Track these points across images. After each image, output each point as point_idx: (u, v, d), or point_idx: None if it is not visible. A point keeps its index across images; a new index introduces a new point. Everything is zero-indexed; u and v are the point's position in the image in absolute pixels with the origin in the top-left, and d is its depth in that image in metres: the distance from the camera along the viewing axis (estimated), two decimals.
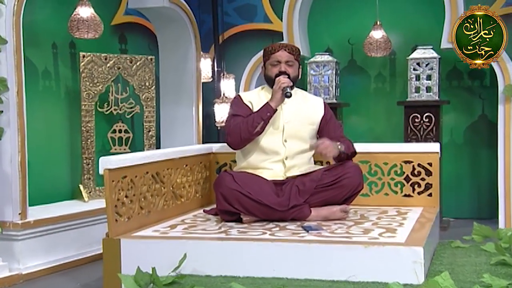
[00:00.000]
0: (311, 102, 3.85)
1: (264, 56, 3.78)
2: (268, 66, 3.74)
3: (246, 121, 3.61)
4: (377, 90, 6.08)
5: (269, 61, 3.72)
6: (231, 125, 3.66)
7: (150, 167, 3.53)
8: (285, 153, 3.68)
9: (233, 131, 3.63)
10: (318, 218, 3.52)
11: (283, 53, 3.67)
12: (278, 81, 3.60)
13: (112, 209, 3.17)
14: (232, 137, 3.66)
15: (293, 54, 3.71)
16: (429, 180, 4.03)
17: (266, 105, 3.62)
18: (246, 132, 3.60)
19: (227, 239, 3.10)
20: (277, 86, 3.59)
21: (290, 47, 3.73)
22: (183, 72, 5.61)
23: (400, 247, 2.84)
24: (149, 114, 5.09)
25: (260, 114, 3.61)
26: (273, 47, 3.73)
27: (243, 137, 3.62)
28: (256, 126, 3.59)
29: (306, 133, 3.75)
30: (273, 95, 3.62)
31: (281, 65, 3.68)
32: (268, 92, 3.76)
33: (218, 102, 5.61)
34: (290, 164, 3.68)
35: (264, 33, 6.23)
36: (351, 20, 6.08)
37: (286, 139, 3.69)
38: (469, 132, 5.85)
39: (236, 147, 3.72)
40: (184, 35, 5.60)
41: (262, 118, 3.59)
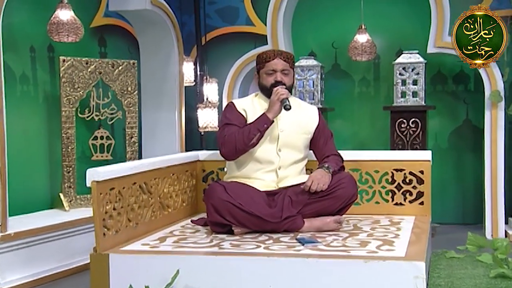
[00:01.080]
0: (306, 111, 3.76)
1: (258, 63, 3.66)
2: (263, 75, 3.62)
3: (242, 132, 3.50)
4: (361, 94, 6.02)
5: (264, 70, 3.61)
6: (226, 135, 3.54)
7: (138, 178, 3.41)
8: (279, 163, 3.59)
9: (228, 142, 3.52)
10: (311, 229, 3.44)
11: (278, 62, 3.57)
12: (277, 92, 3.49)
13: (100, 222, 3.04)
14: (227, 148, 3.55)
15: (289, 62, 3.61)
16: (420, 188, 3.97)
17: (263, 116, 3.51)
18: (241, 144, 3.50)
19: (221, 253, 2.99)
20: (276, 97, 3.48)
21: (285, 54, 3.62)
22: (165, 76, 5.48)
23: (401, 262, 2.76)
24: (131, 120, 4.94)
25: (257, 125, 3.50)
26: (267, 55, 3.61)
27: (238, 148, 3.52)
28: (252, 137, 3.49)
29: (301, 142, 3.66)
30: (270, 106, 3.51)
31: (277, 74, 3.57)
32: (263, 100, 3.66)
33: (201, 107, 5.49)
34: (283, 175, 3.58)
35: (247, 36, 6.13)
36: (335, 23, 6.01)
37: (281, 149, 3.60)
38: (454, 137, 5.82)
39: (230, 158, 3.62)
40: (166, 38, 5.46)
41: (259, 130, 3.49)
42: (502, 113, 5.11)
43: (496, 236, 5.10)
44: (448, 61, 5.73)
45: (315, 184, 3.41)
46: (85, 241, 4.29)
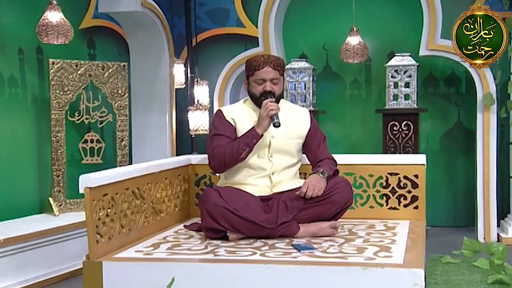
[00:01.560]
0: (297, 115, 3.69)
1: (247, 70, 3.57)
2: (252, 83, 3.54)
3: (231, 146, 3.45)
4: (353, 97, 6.00)
5: (253, 78, 3.52)
6: (215, 148, 3.49)
7: (131, 183, 3.35)
8: (272, 168, 3.54)
9: (217, 155, 3.48)
10: (307, 234, 3.40)
11: (268, 70, 3.47)
12: (266, 107, 3.41)
13: (93, 229, 2.99)
14: (216, 162, 3.52)
15: (278, 70, 3.51)
16: (415, 192, 3.95)
17: (252, 131, 3.46)
18: (230, 158, 3.46)
19: (216, 261, 2.94)
20: (265, 113, 3.41)
21: (275, 62, 3.50)
22: (155, 78, 5.43)
23: (400, 269, 2.73)
24: (122, 123, 4.88)
25: (246, 140, 3.45)
26: (257, 63, 3.50)
27: (227, 162, 3.48)
28: (241, 152, 3.45)
29: (293, 147, 3.61)
30: (259, 121, 3.44)
31: (266, 83, 3.49)
32: (251, 108, 3.61)
33: (192, 110, 5.44)
34: (276, 180, 3.54)
35: (238, 38, 6.10)
36: (326, 25, 5.99)
37: (272, 155, 3.55)
38: (445, 139, 5.82)
39: (219, 171, 3.60)
40: (156, 40, 5.41)
41: (248, 145, 3.44)
42: (494, 115, 5.12)
43: (489, 239, 5.10)
44: (439, 63, 5.73)
45: (310, 190, 3.37)
46: (76, 246, 4.24)
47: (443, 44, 5.22)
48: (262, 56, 3.55)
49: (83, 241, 4.24)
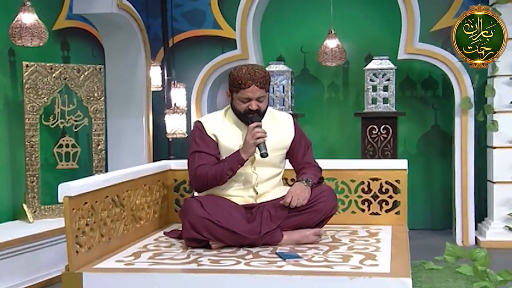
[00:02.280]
0: (280, 124, 3.56)
1: (231, 85, 3.39)
2: (237, 100, 3.38)
3: (214, 170, 3.35)
4: (331, 100, 5.98)
5: (238, 95, 3.36)
6: (197, 167, 3.38)
7: (110, 191, 3.28)
8: (256, 180, 3.47)
9: (199, 178, 3.38)
10: (290, 242, 3.35)
11: (254, 89, 3.31)
12: (253, 134, 3.28)
13: (72, 239, 2.90)
14: (198, 184, 3.42)
15: (265, 88, 3.37)
16: (396, 197, 3.93)
17: (237, 155, 3.34)
18: (213, 182, 3.38)
19: (200, 271, 2.88)
20: (252, 140, 3.29)
21: (261, 80, 3.33)
22: (131, 81, 5.34)
23: (387, 278, 2.70)
24: (98, 127, 4.78)
25: (230, 165, 3.34)
26: (242, 81, 3.31)
27: (210, 185, 3.40)
28: (225, 177, 3.36)
29: (277, 159, 3.53)
30: (245, 146, 3.32)
31: (252, 102, 3.34)
32: (234, 123, 3.48)
33: (169, 113, 5.36)
34: (261, 191, 3.48)
35: (215, 40, 6.04)
36: (304, 27, 5.96)
37: (256, 167, 3.47)
38: (422, 142, 5.83)
39: (200, 192, 3.49)
40: (132, 42, 5.33)
41: (232, 170, 3.35)
42: (472, 119, 5.14)
43: (467, 243, 5.12)
44: (416, 66, 5.74)
45: (294, 200, 3.31)
46: (52, 254, 4.14)
47: (421, 47, 5.22)
48: (248, 71, 3.32)
49: (59, 248, 4.16)
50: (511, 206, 5.01)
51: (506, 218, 5.02)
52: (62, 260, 4.04)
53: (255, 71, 3.35)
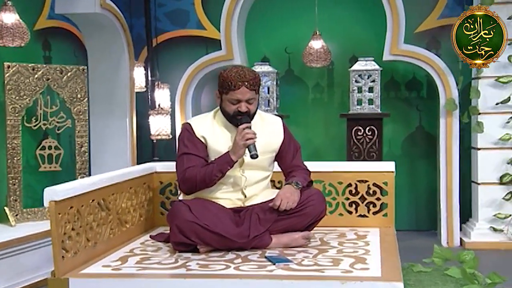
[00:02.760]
0: (270, 127, 3.53)
1: (221, 86, 3.36)
2: (226, 101, 3.35)
3: (203, 172, 3.31)
4: (315, 101, 5.95)
5: (228, 97, 3.32)
6: (186, 169, 3.34)
7: (96, 194, 3.22)
8: (245, 183, 3.44)
9: (188, 180, 3.34)
10: (279, 245, 3.32)
11: (244, 91, 3.29)
12: (243, 135, 3.26)
13: (59, 245, 2.85)
14: (186, 186, 3.38)
15: (255, 89, 3.34)
16: (384, 199, 3.92)
17: (226, 157, 3.31)
18: (202, 184, 3.34)
19: (189, 276, 2.84)
20: (241, 141, 3.26)
21: (251, 82, 3.31)
22: (115, 81, 5.27)
23: (379, 282, 2.68)
24: (81, 128, 4.70)
25: (219, 166, 3.31)
26: (232, 82, 3.27)
27: (199, 187, 3.36)
28: (214, 179, 3.33)
29: (266, 162, 3.50)
30: (235, 148, 3.29)
31: (242, 104, 3.32)
32: (223, 125, 3.45)
33: (153, 114, 5.30)
34: (249, 194, 3.45)
35: (198, 40, 5.99)
36: (288, 28, 5.93)
37: (245, 170, 3.44)
38: (407, 143, 5.83)
39: (189, 194, 3.45)
40: (116, 42, 5.25)
41: (221, 171, 3.32)
42: (456, 121, 5.14)
43: (452, 244, 5.13)
44: (400, 67, 5.74)
45: (284, 204, 3.28)
46: (35, 258, 4.06)
47: (406, 49, 5.22)
48: (238, 73, 3.30)
49: (42, 252, 4.09)
50: (496, 207, 5.02)
51: (491, 219, 5.04)
52: (46, 264, 4.00)
53: (245, 72, 3.32)
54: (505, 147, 5.01)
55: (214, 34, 5.90)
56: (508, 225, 4.98)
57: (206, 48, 5.93)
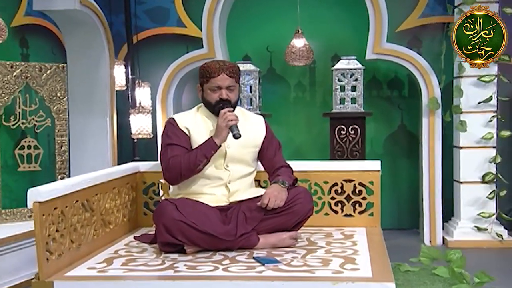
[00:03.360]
0: (252, 123, 3.56)
1: (201, 76, 3.41)
2: (207, 90, 3.39)
3: (187, 157, 3.30)
4: (297, 99, 5.92)
5: (208, 85, 3.38)
6: (169, 158, 3.34)
7: (80, 195, 3.15)
8: (228, 178, 3.41)
9: (172, 167, 3.32)
10: (267, 245, 3.28)
11: (223, 77, 3.33)
12: (224, 117, 3.27)
13: (43, 247, 2.77)
14: (171, 174, 3.35)
15: (234, 77, 3.38)
16: (370, 199, 3.90)
17: (209, 141, 3.31)
18: (187, 170, 3.32)
19: (178, 277, 2.78)
20: (224, 123, 3.27)
21: (230, 69, 3.36)
22: (94, 80, 5.17)
23: (371, 283, 2.65)
24: (61, 128, 4.61)
25: (203, 151, 3.30)
26: (212, 69, 3.35)
27: (184, 174, 3.33)
28: (198, 164, 3.31)
29: (249, 156, 3.50)
30: (217, 131, 3.30)
31: (222, 91, 3.35)
32: (206, 116, 3.46)
33: (134, 113, 5.22)
34: (233, 189, 3.41)
35: (179, 38, 5.91)
36: (270, 27, 5.89)
37: (228, 164, 3.42)
38: (389, 142, 5.83)
39: (174, 183, 3.44)
40: (95, 40, 5.16)
41: (206, 156, 3.30)
42: (439, 119, 5.15)
43: (435, 242, 5.13)
44: (382, 66, 5.73)
45: (272, 202, 3.25)
46: (14, 260, 3.97)
47: (389, 48, 5.21)
48: (217, 62, 3.42)
49: (22, 254, 3.99)
50: (479, 206, 5.04)
51: (474, 218, 5.05)
52: (26, 266, 3.92)
53: (224, 62, 3.46)
54: (487, 146, 5.03)
55: (195, 32, 5.85)
56: (492, 223, 5.00)
57: (187, 46, 5.86)
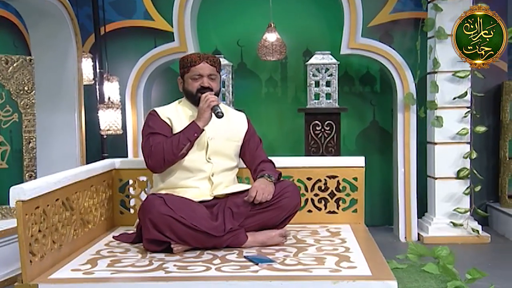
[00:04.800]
0: (234, 117, 3.55)
1: (182, 67, 3.39)
2: (188, 80, 3.36)
3: (170, 141, 3.22)
4: (269, 95, 5.83)
5: (189, 75, 3.35)
6: (152, 145, 3.24)
7: (60, 193, 2.99)
8: (211, 170, 3.32)
9: (155, 153, 3.22)
10: (255, 244, 3.18)
11: (205, 66, 3.32)
12: (206, 99, 3.24)
13: (26, 248, 2.61)
14: (154, 160, 3.24)
15: (215, 66, 3.36)
16: (354, 195, 3.84)
17: (192, 124, 3.25)
18: (170, 154, 3.21)
19: (171, 278, 2.65)
20: (205, 105, 3.23)
21: (211, 58, 3.36)
22: (61, 73, 4.95)
23: (372, 281, 2.58)
24: (28, 123, 4.40)
25: (186, 134, 3.23)
26: (192, 58, 3.34)
27: (167, 159, 3.23)
28: (182, 147, 3.22)
29: (231, 150, 3.44)
30: (200, 114, 3.25)
31: (204, 79, 3.33)
32: (188, 108, 3.42)
33: (103, 108, 5.04)
34: (216, 182, 3.32)
35: (146, 31, 5.74)
36: (240, 20, 5.77)
37: (210, 157, 3.33)
38: (361, 138, 5.79)
39: (157, 170, 3.31)
40: (62, 31, 4.94)
41: (189, 139, 3.22)
42: (414, 115, 5.13)
43: (410, 239, 5.12)
44: (354, 62, 5.69)
45: (259, 195, 3.17)
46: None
47: (364, 42, 5.16)
48: (198, 53, 3.42)
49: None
50: (454, 202, 5.03)
51: (450, 214, 5.04)
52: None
53: (204, 53, 3.48)
54: (462, 141, 5.03)
55: (163, 25, 5.70)
56: (467, 219, 5.01)
57: (155, 39, 5.71)
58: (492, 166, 5.57)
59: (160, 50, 5.30)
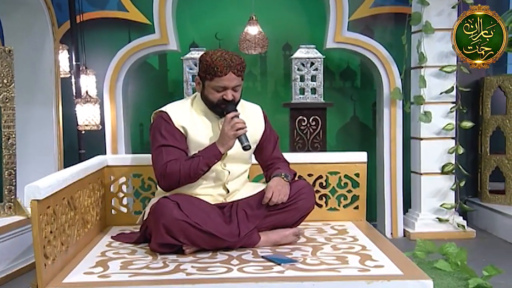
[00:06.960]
0: (251, 116, 3.24)
1: (203, 71, 3.02)
2: (209, 88, 3.02)
3: (188, 165, 2.96)
4: (249, 90, 5.68)
5: (212, 84, 2.99)
6: (166, 163, 2.98)
7: (66, 192, 2.81)
8: (227, 178, 3.14)
9: (170, 174, 2.97)
10: (268, 243, 3.07)
11: (231, 77, 2.97)
12: (232, 125, 2.95)
13: (41, 251, 2.43)
14: (168, 181, 3.01)
15: (241, 75, 3.04)
16: (355, 192, 3.76)
17: (214, 149, 2.99)
18: (187, 179, 3.00)
19: (196, 281, 2.50)
20: (231, 132, 2.95)
21: (238, 67, 2.99)
22: (37, 66, 4.70)
23: (407, 281, 2.50)
24: (8, 118, 4.14)
25: (206, 160, 2.98)
26: (219, 67, 2.94)
27: (183, 183, 3.01)
28: (200, 173, 3.00)
29: (247, 154, 3.21)
30: (223, 139, 2.97)
31: (228, 92, 3.01)
32: (203, 112, 3.12)
33: (80, 102, 4.81)
34: (232, 189, 3.16)
35: (120, 23, 5.52)
36: (218, 13, 5.62)
37: (226, 163, 3.14)
38: (342, 134, 5.73)
39: (168, 191, 3.08)
40: (37, 21, 4.68)
41: (208, 165, 3.00)
42: (400, 110, 5.10)
43: (396, 235, 5.09)
44: (335, 56, 5.63)
45: (276, 196, 3.02)
46: None
47: (350, 36, 5.10)
48: (223, 57, 2.97)
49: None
50: (440, 197, 5.03)
51: (436, 209, 5.03)
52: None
53: (231, 57, 3.00)
54: (447, 137, 5.03)
55: (137, 16, 5.49)
56: (453, 214, 5.01)
57: (129, 31, 5.50)
58: (471, 161, 5.59)
59: (140, 42, 5.08)
